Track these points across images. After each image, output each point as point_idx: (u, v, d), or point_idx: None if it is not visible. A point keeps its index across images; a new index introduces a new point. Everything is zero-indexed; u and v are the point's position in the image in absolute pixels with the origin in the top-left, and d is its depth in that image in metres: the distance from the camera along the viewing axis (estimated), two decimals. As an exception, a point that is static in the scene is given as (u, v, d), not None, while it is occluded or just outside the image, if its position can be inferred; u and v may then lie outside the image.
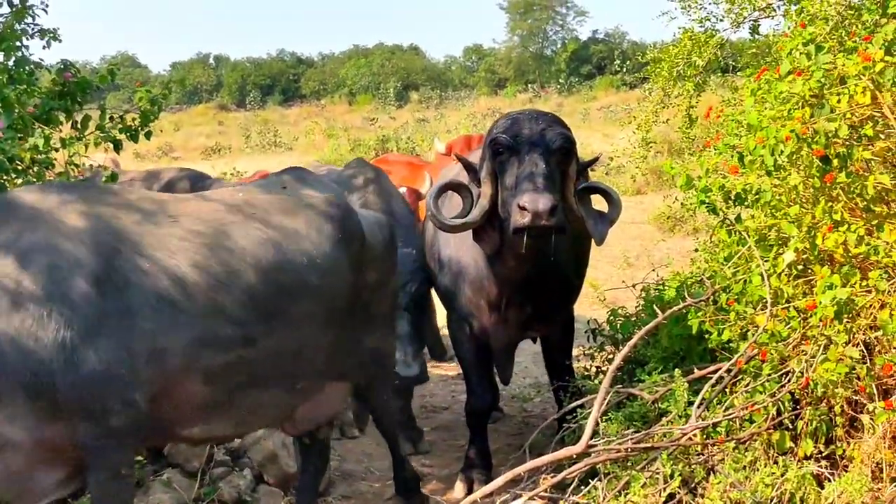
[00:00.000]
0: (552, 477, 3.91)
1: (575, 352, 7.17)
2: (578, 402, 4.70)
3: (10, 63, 5.14)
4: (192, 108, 52.09)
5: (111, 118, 5.26)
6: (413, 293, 5.67)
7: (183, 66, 67.80)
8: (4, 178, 4.76)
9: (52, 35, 5.40)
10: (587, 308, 9.34)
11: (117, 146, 5.28)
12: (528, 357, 8.06)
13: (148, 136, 5.35)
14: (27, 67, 5.18)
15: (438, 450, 6.08)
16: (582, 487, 4.00)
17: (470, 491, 5.13)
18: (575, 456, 3.92)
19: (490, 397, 5.51)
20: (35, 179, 4.94)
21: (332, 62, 64.55)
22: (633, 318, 5.44)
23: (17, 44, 5.15)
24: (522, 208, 4.31)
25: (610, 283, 9.69)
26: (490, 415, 5.66)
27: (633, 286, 5.76)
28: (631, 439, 3.96)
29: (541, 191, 4.34)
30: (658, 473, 3.83)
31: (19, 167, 4.91)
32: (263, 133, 31.83)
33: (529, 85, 52.05)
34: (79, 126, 5.21)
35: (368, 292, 4.40)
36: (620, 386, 4.54)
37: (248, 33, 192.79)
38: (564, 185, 4.63)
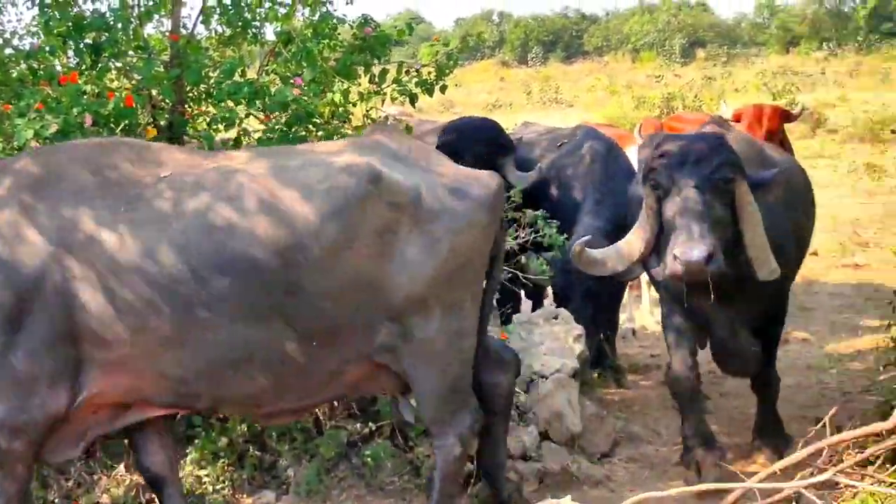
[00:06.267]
0: (857, 453, 3.76)
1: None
2: (889, 375, 4.41)
3: (315, 18, 5.36)
4: (473, 64, 50.49)
5: (407, 72, 5.39)
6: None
7: (467, 23, 67.55)
8: (304, 131, 4.97)
9: None
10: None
11: (413, 100, 5.40)
12: (825, 326, 7.60)
13: (443, 89, 5.43)
14: (330, 22, 5.36)
15: (724, 417, 5.84)
16: (887, 466, 3.79)
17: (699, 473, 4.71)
18: (884, 433, 3.72)
19: (691, 374, 4.82)
20: (333, 133, 5.13)
21: (617, 18, 62.49)
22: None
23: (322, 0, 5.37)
24: (675, 258, 4.05)
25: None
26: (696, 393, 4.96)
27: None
28: (951, 418, 3.73)
29: (695, 238, 4.02)
30: (981, 457, 3.57)
31: (318, 121, 5.12)
32: (545, 90, 31.84)
33: (825, 43, 48.00)
34: (376, 80, 5.38)
35: None
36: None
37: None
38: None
